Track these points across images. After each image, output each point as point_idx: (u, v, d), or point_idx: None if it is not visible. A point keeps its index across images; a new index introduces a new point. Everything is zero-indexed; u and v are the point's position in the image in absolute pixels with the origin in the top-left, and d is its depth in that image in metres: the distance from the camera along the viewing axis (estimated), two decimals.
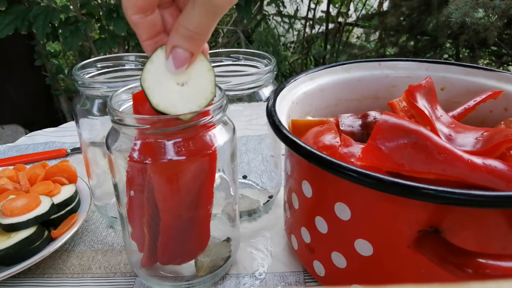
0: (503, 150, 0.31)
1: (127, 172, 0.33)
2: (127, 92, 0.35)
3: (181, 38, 0.27)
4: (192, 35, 0.27)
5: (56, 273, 0.42)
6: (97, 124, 0.43)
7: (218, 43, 2.26)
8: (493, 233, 0.27)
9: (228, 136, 0.35)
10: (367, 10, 2.28)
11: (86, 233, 0.48)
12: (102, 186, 0.49)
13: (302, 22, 2.27)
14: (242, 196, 0.51)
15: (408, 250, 0.28)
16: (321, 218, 0.33)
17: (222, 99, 0.33)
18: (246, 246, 0.45)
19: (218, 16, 0.26)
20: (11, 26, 1.30)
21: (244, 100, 0.45)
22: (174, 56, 0.27)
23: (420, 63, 0.47)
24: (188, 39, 0.27)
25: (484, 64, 1.62)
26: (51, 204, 0.43)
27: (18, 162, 0.62)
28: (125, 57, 0.48)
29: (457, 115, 0.41)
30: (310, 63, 2.30)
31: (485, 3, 1.04)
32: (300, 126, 0.40)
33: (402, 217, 0.28)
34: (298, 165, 0.35)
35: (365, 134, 0.38)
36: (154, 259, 0.38)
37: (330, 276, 0.35)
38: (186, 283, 0.38)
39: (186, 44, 0.27)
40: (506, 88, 0.42)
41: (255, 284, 0.40)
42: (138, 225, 0.36)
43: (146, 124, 0.30)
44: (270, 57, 0.47)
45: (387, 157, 0.30)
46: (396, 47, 1.64)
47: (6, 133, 1.58)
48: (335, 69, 0.46)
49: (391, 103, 0.39)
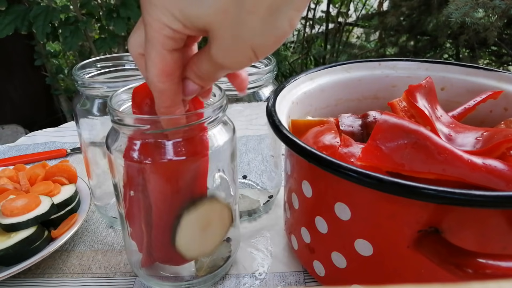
0: (503, 150, 0.31)
1: (125, 171, 0.33)
2: (127, 92, 0.35)
3: (193, 74, 0.27)
4: (201, 76, 0.27)
5: (56, 273, 0.42)
6: (97, 124, 0.43)
7: None
8: (493, 233, 0.27)
9: (228, 136, 0.35)
10: (367, 10, 2.28)
11: (86, 233, 0.48)
12: (102, 186, 0.49)
13: (302, 22, 2.27)
14: (242, 196, 0.51)
15: (408, 250, 0.28)
16: (321, 218, 0.33)
17: (222, 99, 0.33)
18: (246, 246, 0.45)
19: (224, 70, 0.26)
20: (11, 26, 1.30)
21: (244, 100, 0.45)
22: (184, 86, 0.28)
23: (420, 63, 0.47)
24: (198, 78, 0.27)
25: (484, 64, 1.62)
26: (51, 204, 0.43)
27: (18, 162, 0.62)
28: (125, 57, 0.48)
29: (457, 115, 0.41)
30: (310, 63, 2.30)
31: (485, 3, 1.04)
32: (300, 126, 0.40)
33: (402, 217, 0.28)
34: (298, 165, 0.35)
35: (365, 134, 0.38)
36: (152, 258, 0.38)
37: (330, 276, 0.35)
38: (186, 283, 0.38)
39: (196, 80, 0.28)
40: (506, 88, 0.42)
41: (255, 284, 0.40)
42: (138, 225, 0.36)
43: (146, 124, 0.30)
44: (270, 57, 0.47)
45: (387, 157, 0.30)
46: (396, 47, 1.64)
47: (6, 133, 1.58)
48: (335, 69, 0.46)
49: (391, 103, 0.39)
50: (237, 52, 0.24)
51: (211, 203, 0.35)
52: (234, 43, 0.23)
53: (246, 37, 0.23)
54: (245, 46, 0.23)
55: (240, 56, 0.24)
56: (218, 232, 0.36)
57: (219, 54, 0.24)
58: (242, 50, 0.24)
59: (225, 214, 0.37)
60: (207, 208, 0.35)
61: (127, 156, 0.32)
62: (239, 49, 0.24)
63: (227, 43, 0.24)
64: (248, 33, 0.23)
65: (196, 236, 0.35)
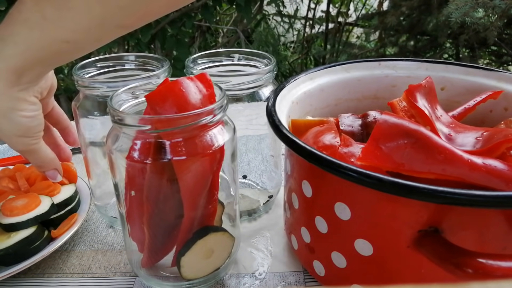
0: (503, 150, 0.31)
1: (127, 172, 0.33)
2: (127, 92, 0.35)
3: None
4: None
5: (56, 273, 0.42)
6: (97, 124, 0.43)
7: (218, 43, 2.26)
8: (493, 233, 0.27)
9: (228, 136, 0.35)
10: (367, 10, 2.28)
11: (86, 233, 0.48)
12: (102, 186, 0.49)
13: (302, 22, 2.27)
14: (242, 196, 0.51)
15: (408, 250, 0.28)
16: (321, 218, 0.33)
17: (222, 99, 0.33)
18: (246, 246, 0.45)
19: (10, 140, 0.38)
20: None
21: (244, 100, 0.45)
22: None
23: (420, 63, 0.46)
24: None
25: (484, 64, 1.62)
26: (51, 204, 0.43)
27: (18, 162, 0.62)
28: (125, 57, 0.48)
29: (457, 115, 0.41)
30: (310, 63, 2.30)
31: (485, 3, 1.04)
32: (300, 126, 0.40)
33: (402, 217, 0.28)
34: (298, 165, 0.35)
35: (365, 134, 0.38)
36: (155, 259, 0.38)
37: (330, 276, 0.35)
38: (186, 283, 0.38)
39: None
40: (506, 88, 0.42)
41: (255, 284, 0.40)
42: (138, 225, 0.36)
43: (147, 124, 0.30)
44: (270, 57, 0.47)
45: (387, 157, 0.30)
46: (396, 47, 1.64)
47: None
48: (335, 69, 0.46)
49: (391, 103, 0.39)
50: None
51: (223, 234, 0.37)
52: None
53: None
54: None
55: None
56: (218, 260, 0.38)
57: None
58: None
59: (229, 244, 0.39)
60: (217, 238, 0.37)
61: (128, 156, 0.32)
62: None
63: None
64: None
65: (199, 261, 0.36)
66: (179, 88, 0.31)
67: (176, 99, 0.31)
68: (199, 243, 0.35)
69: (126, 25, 0.31)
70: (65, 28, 0.30)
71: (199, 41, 2.09)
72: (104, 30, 0.31)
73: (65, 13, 0.29)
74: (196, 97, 0.32)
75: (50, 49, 0.32)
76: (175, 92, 0.31)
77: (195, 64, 0.47)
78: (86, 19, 0.29)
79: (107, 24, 0.30)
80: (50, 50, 0.32)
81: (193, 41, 2.08)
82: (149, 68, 0.47)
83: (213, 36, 2.35)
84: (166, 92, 0.31)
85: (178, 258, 0.35)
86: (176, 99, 0.31)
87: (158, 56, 0.47)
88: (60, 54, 0.32)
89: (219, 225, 0.39)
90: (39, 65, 0.33)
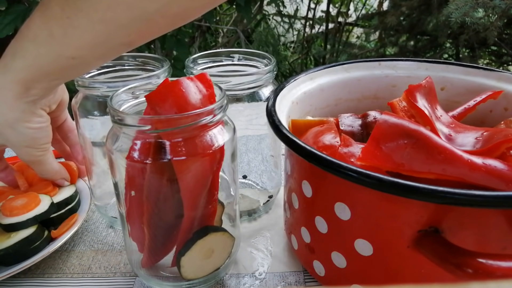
0: (503, 150, 0.31)
1: (127, 172, 0.33)
2: (127, 92, 0.35)
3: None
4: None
5: (56, 273, 0.42)
6: (97, 124, 0.43)
7: (218, 43, 2.26)
8: (493, 233, 0.27)
9: (228, 136, 0.35)
10: (367, 10, 2.28)
11: (86, 233, 0.48)
12: (102, 186, 0.49)
13: (302, 22, 2.27)
14: (242, 196, 0.51)
15: (408, 250, 0.28)
16: (321, 218, 0.33)
17: (222, 99, 0.33)
18: (246, 246, 0.45)
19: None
20: (11, 26, 1.30)
21: (244, 100, 0.45)
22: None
23: (420, 63, 0.46)
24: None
25: (484, 64, 1.62)
26: (50, 203, 0.43)
27: (18, 162, 0.62)
28: (125, 57, 0.48)
29: (457, 115, 0.41)
30: (310, 63, 2.30)
31: (485, 3, 1.04)
32: (300, 126, 0.40)
33: (402, 217, 0.28)
34: (298, 165, 0.35)
35: (365, 134, 0.38)
36: (155, 259, 0.38)
37: (330, 276, 0.35)
38: (186, 283, 0.38)
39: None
40: (506, 88, 0.42)
41: (255, 284, 0.40)
42: (138, 225, 0.36)
43: (147, 124, 0.30)
44: (270, 57, 0.47)
45: (387, 157, 0.30)
46: (396, 47, 1.64)
47: None
48: (335, 69, 0.46)
49: (391, 103, 0.39)
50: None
51: (223, 234, 0.37)
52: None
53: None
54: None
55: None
56: (218, 260, 0.38)
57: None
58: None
59: (229, 244, 0.39)
60: (217, 238, 0.37)
61: (128, 156, 0.32)
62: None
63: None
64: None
65: (199, 261, 0.36)
66: (179, 88, 0.31)
67: (176, 99, 0.31)
68: (199, 243, 0.35)
69: (129, 42, 0.32)
70: (70, 45, 0.31)
71: (199, 41, 2.09)
72: (108, 47, 0.32)
73: (71, 31, 0.30)
74: (196, 97, 0.32)
75: (56, 64, 0.33)
76: (175, 92, 0.31)
77: (195, 64, 0.47)
78: (91, 37, 0.31)
79: (111, 41, 0.31)
80: (56, 65, 0.33)
81: (193, 41, 2.08)
82: (149, 68, 0.47)
83: (213, 36, 2.35)
84: (166, 92, 0.31)
85: (178, 258, 0.35)
86: (176, 99, 0.31)
87: (158, 56, 0.47)
88: (66, 69, 0.34)
89: (219, 225, 0.39)
90: (46, 79, 0.35)
